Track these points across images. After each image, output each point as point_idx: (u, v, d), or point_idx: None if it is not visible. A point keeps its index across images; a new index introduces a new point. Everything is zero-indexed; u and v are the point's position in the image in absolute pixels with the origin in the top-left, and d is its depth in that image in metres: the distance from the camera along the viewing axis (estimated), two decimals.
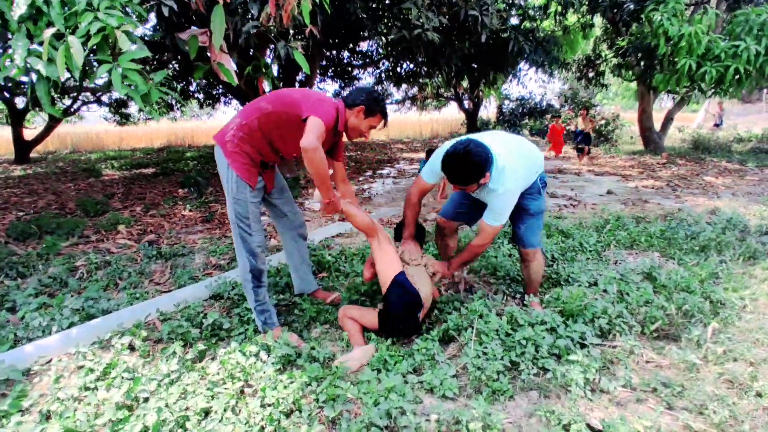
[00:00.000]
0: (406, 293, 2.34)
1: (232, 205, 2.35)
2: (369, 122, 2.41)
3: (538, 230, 2.64)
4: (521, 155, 2.41)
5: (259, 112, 2.29)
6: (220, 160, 2.35)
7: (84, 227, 5.01)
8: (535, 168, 2.48)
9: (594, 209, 5.13)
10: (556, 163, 10.70)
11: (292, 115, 2.25)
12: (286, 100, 2.30)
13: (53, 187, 8.79)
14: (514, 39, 6.83)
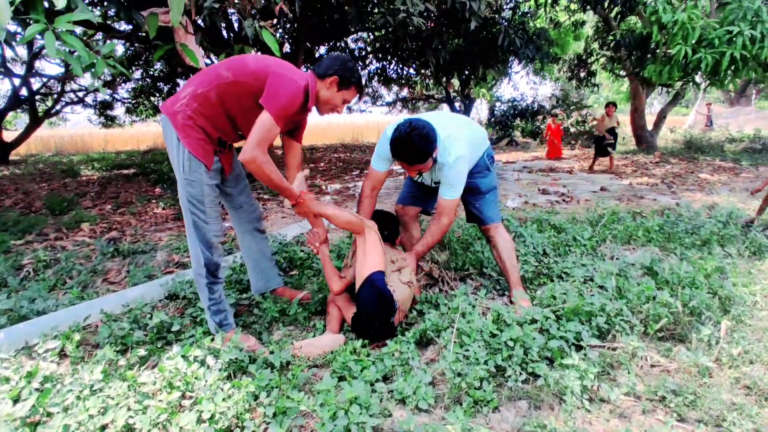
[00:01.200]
0: (378, 294, 2.09)
1: (184, 187, 2.01)
2: (342, 95, 2.12)
3: (494, 205, 2.54)
4: (462, 126, 2.36)
5: (218, 80, 1.96)
6: (169, 134, 1.99)
7: (45, 225, 4.66)
8: (479, 141, 2.43)
9: (587, 205, 4.88)
10: (550, 162, 10.49)
11: (255, 87, 1.96)
12: (249, 69, 1.98)
13: (24, 187, 8.41)
14: (505, 32, 6.61)
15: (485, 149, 2.50)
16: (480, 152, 2.46)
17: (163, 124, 2.03)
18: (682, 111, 27.36)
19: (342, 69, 2.06)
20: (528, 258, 2.96)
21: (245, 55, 2.18)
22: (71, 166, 12.24)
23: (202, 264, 2.10)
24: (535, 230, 3.65)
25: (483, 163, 2.48)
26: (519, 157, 12.22)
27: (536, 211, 4.51)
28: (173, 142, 2.00)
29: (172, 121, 1.98)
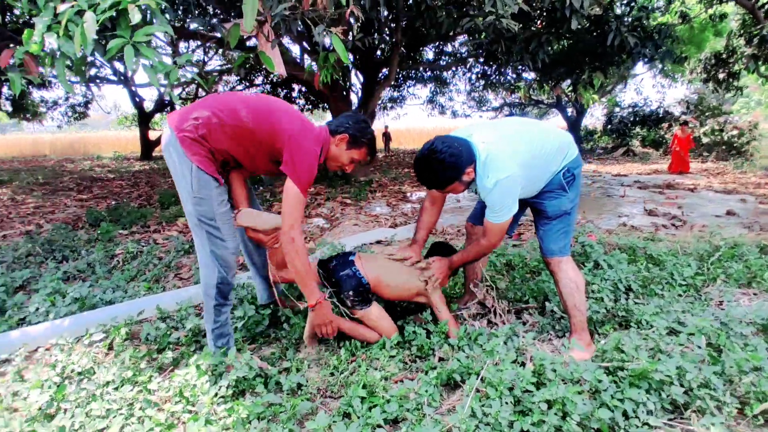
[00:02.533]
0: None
1: (193, 206, 1.89)
2: (351, 154, 2.06)
3: (560, 236, 2.13)
4: (520, 140, 2.00)
5: (236, 120, 1.88)
6: (174, 150, 1.86)
7: (150, 218, 5.22)
8: (547, 155, 2.03)
9: (703, 232, 4.07)
10: (671, 176, 9.17)
11: (269, 145, 1.93)
12: (266, 118, 1.91)
13: (153, 181, 9.61)
14: (615, 30, 5.86)
15: (563, 164, 2.07)
16: (551, 168, 2.05)
17: (168, 139, 1.90)
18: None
19: (354, 128, 2.01)
20: (603, 295, 2.51)
21: (271, 100, 2.04)
22: None
23: (213, 284, 1.98)
24: (624, 260, 3.12)
25: (557, 181, 2.07)
26: (634, 169, 10.90)
27: (633, 236, 3.89)
28: (178, 158, 1.87)
29: (179, 139, 1.86)
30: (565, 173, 2.08)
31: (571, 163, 2.08)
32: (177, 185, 1.93)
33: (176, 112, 1.97)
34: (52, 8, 2.50)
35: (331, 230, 4.48)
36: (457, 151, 1.88)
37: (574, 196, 2.12)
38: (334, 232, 4.36)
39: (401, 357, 2.07)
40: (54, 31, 2.50)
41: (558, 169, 2.07)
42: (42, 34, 2.45)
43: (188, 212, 1.93)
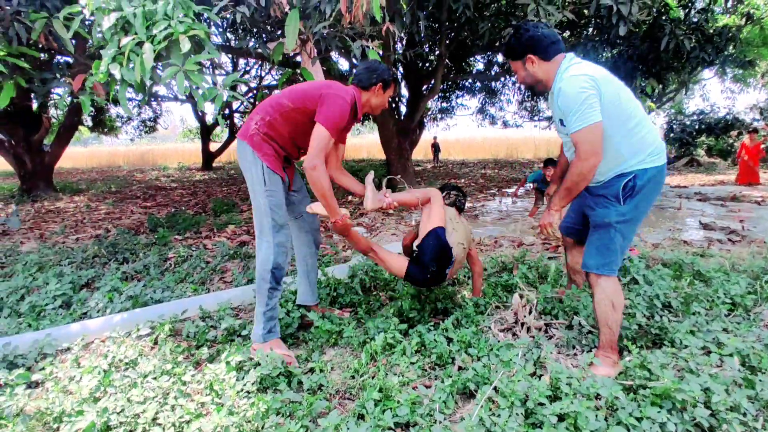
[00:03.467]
0: (440, 245, 2.37)
1: (265, 198, 2.23)
2: (387, 94, 2.43)
3: (600, 251, 1.98)
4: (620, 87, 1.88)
5: (280, 108, 2.25)
6: (246, 155, 2.26)
7: (203, 224, 5.58)
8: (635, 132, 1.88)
9: (760, 248, 3.78)
10: (737, 188, 8.53)
11: (310, 110, 2.22)
12: (305, 95, 2.25)
13: (211, 190, 10.21)
14: (670, 34, 5.60)
15: (637, 166, 1.89)
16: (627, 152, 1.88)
17: (239, 147, 2.30)
18: None
19: (379, 75, 2.33)
20: (636, 311, 2.41)
21: (304, 84, 2.42)
22: None
23: (269, 269, 2.24)
24: (668, 276, 2.98)
25: (615, 188, 1.92)
26: (697, 180, 10.22)
27: (682, 251, 3.69)
28: (250, 161, 2.24)
29: (250, 144, 2.24)
30: (629, 181, 1.90)
31: (643, 170, 1.89)
32: (250, 182, 2.26)
33: (242, 127, 2.34)
34: (117, 41, 2.81)
35: (370, 239, 4.58)
36: (539, 34, 1.91)
37: (628, 212, 1.92)
38: (376, 237, 4.46)
39: (421, 364, 2.11)
40: (118, 61, 2.79)
41: (629, 168, 1.90)
42: (108, 64, 2.76)
43: (258, 205, 2.25)
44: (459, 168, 16.10)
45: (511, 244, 4.34)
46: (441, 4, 5.08)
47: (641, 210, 1.95)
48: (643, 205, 1.95)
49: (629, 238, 2.01)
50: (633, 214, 1.94)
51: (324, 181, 2.15)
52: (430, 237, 2.39)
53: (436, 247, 2.36)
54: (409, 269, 2.41)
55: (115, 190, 10.43)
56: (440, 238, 2.38)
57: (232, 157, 24.92)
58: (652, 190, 1.93)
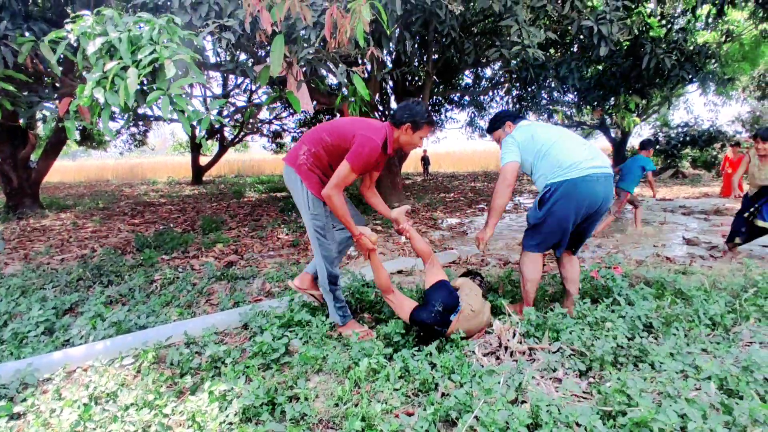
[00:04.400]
0: (447, 292, 2.55)
1: (310, 221, 2.63)
2: (419, 134, 2.61)
3: (527, 233, 2.81)
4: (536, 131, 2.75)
5: (323, 142, 2.57)
6: (294, 181, 2.63)
7: (191, 243, 5.55)
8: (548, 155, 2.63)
9: (740, 265, 3.85)
10: (721, 201, 8.68)
11: (343, 148, 2.52)
12: (339, 132, 2.55)
13: (199, 206, 10.17)
14: (650, 52, 5.74)
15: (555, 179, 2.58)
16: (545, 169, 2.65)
17: (287, 172, 2.66)
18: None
19: (411, 115, 2.53)
20: (617, 333, 2.44)
21: (341, 120, 2.68)
22: (240, 188, 14.41)
23: (326, 276, 2.70)
24: (650, 295, 3.03)
25: (538, 197, 2.69)
26: (682, 192, 10.39)
27: (665, 268, 3.75)
28: (298, 187, 2.61)
29: (297, 171, 2.59)
30: (546, 192, 2.61)
31: (558, 182, 2.55)
32: (298, 205, 2.68)
33: (288, 154, 2.69)
34: (102, 65, 2.83)
35: (357, 258, 4.59)
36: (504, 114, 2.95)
37: (541, 215, 2.63)
38: (360, 260, 4.47)
39: (404, 390, 2.12)
40: (101, 85, 2.81)
41: (548, 181, 2.60)
42: (92, 88, 2.77)
43: (307, 226, 2.66)
44: (449, 181, 16.21)
45: (497, 262, 4.37)
46: (427, 24, 5.17)
47: (556, 214, 2.58)
48: (559, 210, 2.57)
49: (548, 233, 2.68)
50: (545, 217, 2.62)
51: (339, 207, 2.49)
52: (438, 284, 2.61)
53: (442, 291, 2.56)
54: (415, 311, 2.53)
55: (103, 207, 10.35)
56: (448, 285, 2.61)
57: (222, 170, 24.92)
58: (566, 197, 2.53)
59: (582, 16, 4.88)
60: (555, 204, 2.56)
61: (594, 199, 2.56)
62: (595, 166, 2.55)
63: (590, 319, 2.57)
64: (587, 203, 2.56)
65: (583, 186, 2.52)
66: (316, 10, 3.50)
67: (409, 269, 4.05)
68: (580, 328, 2.57)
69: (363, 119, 2.64)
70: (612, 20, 4.73)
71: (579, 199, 2.53)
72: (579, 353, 2.36)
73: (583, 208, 2.57)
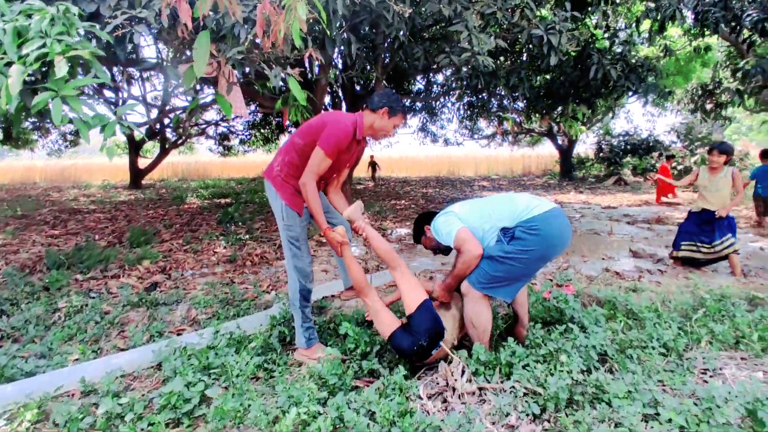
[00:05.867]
0: (434, 319, 2.33)
1: (284, 231, 2.61)
2: (393, 122, 2.62)
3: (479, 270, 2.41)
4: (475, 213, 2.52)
5: (295, 146, 2.57)
6: (271, 193, 2.63)
7: (113, 260, 4.98)
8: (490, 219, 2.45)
9: (687, 281, 3.84)
10: (661, 209, 9.00)
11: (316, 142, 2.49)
12: (309, 130, 2.56)
13: (133, 214, 9.39)
14: (597, 63, 5.78)
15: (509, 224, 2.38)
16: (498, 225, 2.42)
17: (266, 186, 2.66)
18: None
19: (390, 101, 2.56)
20: (572, 366, 2.26)
21: (311, 119, 2.68)
22: (182, 193, 13.58)
23: (297, 290, 2.62)
24: (603, 316, 2.89)
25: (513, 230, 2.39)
26: (625, 200, 10.75)
27: (615, 284, 3.66)
28: (274, 199, 2.61)
29: (272, 183, 2.61)
30: (506, 232, 2.38)
31: (531, 219, 2.33)
32: (276, 218, 2.64)
33: (268, 167, 2.69)
34: None
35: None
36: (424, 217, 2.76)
37: (511, 250, 2.32)
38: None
39: None
40: None
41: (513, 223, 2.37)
42: None
43: (282, 237, 2.63)
44: (401, 187, 16.08)
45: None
46: (376, 27, 4.91)
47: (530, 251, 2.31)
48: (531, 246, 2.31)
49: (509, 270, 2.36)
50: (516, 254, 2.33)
51: (311, 197, 2.45)
52: (423, 310, 2.33)
53: (429, 321, 2.32)
54: (397, 335, 2.33)
55: (21, 214, 9.33)
56: (432, 310, 2.37)
57: (165, 173, 23.60)
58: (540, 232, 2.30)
59: (532, 25, 4.79)
60: (528, 241, 2.30)
61: (566, 236, 2.39)
62: (548, 207, 2.39)
63: (543, 351, 2.38)
64: (561, 241, 2.37)
65: (554, 221, 2.33)
66: (247, 5, 3.14)
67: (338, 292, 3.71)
68: (534, 361, 2.37)
69: (332, 112, 2.72)
70: (561, 31, 4.67)
71: (552, 236, 2.32)
72: (532, 392, 2.14)
73: (558, 247, 2.38)
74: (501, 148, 22.39)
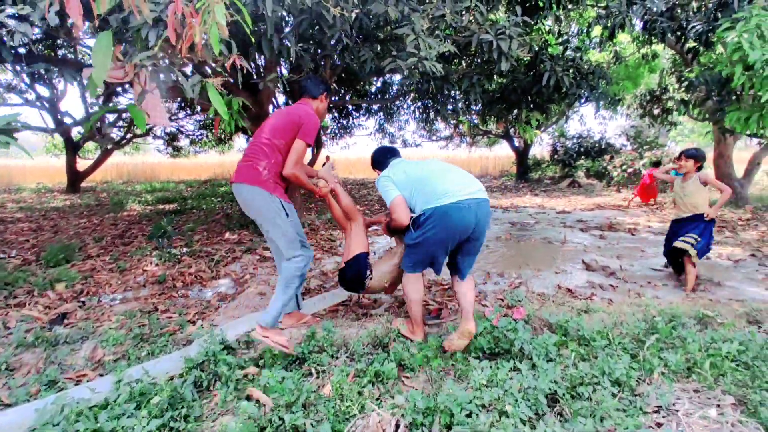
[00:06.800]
0: (358, 271, 3.06)
1: (289, 226, 2.74)
2: (326, 103, 2.99)
3: (406, 257, 2.93)
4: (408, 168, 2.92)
5: (277, 148, 2.73)
6: (262, 197, 2.68)
7: (22, 283, 4.39)
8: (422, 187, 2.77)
9: (639, 299, 3.74)
10: (612, 213, 9.12)
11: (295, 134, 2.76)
12: (287, 127, 2.74)
13: (62, 224, 8.61)
14: (550, 70, 5.67)
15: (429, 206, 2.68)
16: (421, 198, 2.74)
17: (248, 190, 2.69)
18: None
19: (325, 85, 2.95)
20: (520, 408, 2.03)
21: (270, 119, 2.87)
22: (123, 198, 12.70)
23: (299, 275, 2.80)
24: (554, 346, 2.70)
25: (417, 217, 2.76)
26: (578, 203, 10.89)
27: (567, 305, 3.50)
28: (266, 200, 2.68)
29: (263, 187, 2.67)
30: (419, 217, 2.73)
31: (430, 209, 2.66)
32: (270, 218, 2.70)
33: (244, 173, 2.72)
34: None
35: (228, 304, 3.84)
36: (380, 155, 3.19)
37: (416, 237, 2.74)
38: (231, 306, 3.72)
39: None
40: None
41: (424, 207, 2.70)
42: None
43: (283, 233, 2.73)
44: (357, 189, 15.76)
45: (391, 303, 3.87)
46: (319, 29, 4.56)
47: (429, 238, 2.70)
48: (432, 234, 2.68)
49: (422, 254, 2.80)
50: (421, 239, 2.72)
51: (305, 179, 2.83)
52: (354, 261, 3.07)
53: (354, 272, 3.07)
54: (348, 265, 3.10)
55: None
56: (359, 264, 3.05)
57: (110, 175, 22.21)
58: (438, 223, 2.65)
59: (482, 29, 4.58)
60: (428, 229, 2.69)
61: (465, 224, 2.67)
62: (469, 193, 2.69)
63: (488, 396, 2.13)
64: (460, 229, 2.68)
65: (454, 212, 2.63)
66: (157, 4, 2.74)
67: None
68: (477, 405, 2.13)
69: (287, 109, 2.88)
70: (511, 36, 4.49)
71: (450, 225, 2.65)
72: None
73: (457, 233, 2.70)
74: (459, 149, 22.45)
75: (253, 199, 2.68)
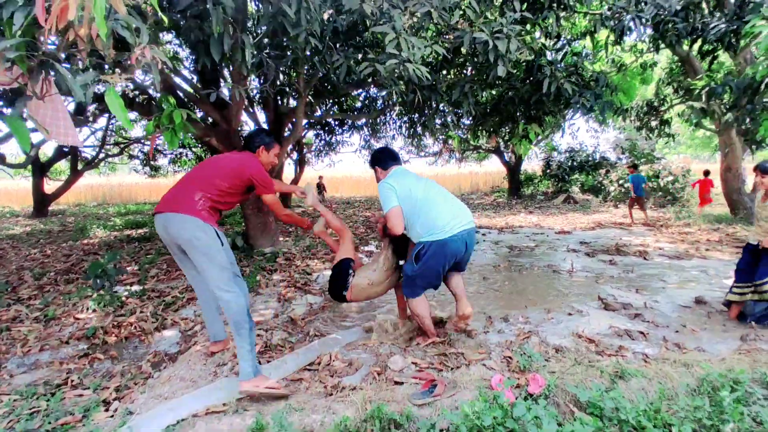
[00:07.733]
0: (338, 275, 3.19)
1: (223, 255, 2.59)
2: (272, 154, 3.00)
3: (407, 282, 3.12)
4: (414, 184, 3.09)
5: (218, 188, 2.69)
6: (194, 226, 2.54)
7: None
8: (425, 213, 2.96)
9: (682, 352, 2.99)
10: (615, 233, 8.45)
11: (241, 186, 2.79)
12: (233, 173, 2.74)
13: (9, 256, 7.69)
14: (551, 76, 5.02)
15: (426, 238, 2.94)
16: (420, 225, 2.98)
17: (184, 221, 2.55)
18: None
19: (260, 139, 2.94)
20: None
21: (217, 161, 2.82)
22: (87, 223, 11.78)
23: (245, 312, 2.55)
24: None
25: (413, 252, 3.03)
26: (577, 221, 10.23)
27: (594, 366, 2.74)
28: (200, 228, 2.56)
29: (199, 217, 2.58)
30: (421, 249, 2.97)
31: (428, 243, 2.93)
32: (204, 247, 2.55)
33: (178, 201, 2.61)
34: None
35: (162, 372, 3.00)
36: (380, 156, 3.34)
37: (418, 268, 2.99)
38: (163, 377, 2.87)
39: None
40: None
41: (422, 239, 2.97)
42: None
43: (217, 263, 2.57)
44: (343, 209, 15.00)
45: (371, 367, 3.04)
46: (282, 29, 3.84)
47: (430, 268, 2.98)
48: (432, 264, 2.96)
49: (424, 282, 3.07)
50: (421, 270, 2.99)
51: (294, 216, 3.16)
52: (338, 267, 3.21)
53: (336, 276, 3.20)
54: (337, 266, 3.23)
55: None
56: (341, 269, 3.19)
57: (84, 197, 21.21)
58: (436, 254, 2.93)
59: (474, 28, 3.91)
60: (428, 260, 2.95)
61: (457, 252, 2.97)
62: (462, 225, 2.96)
63: None
64: (453, 256, 2.98)
65: (450, 244, 2.92)
66: None
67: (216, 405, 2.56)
68: None
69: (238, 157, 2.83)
70: (509, 35, 3.82)
71: (447, 255, 2.94)
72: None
73: (450, 260, 3.00)
74: (448, 165, 21.87)
75: (186, 228, 2.54)
